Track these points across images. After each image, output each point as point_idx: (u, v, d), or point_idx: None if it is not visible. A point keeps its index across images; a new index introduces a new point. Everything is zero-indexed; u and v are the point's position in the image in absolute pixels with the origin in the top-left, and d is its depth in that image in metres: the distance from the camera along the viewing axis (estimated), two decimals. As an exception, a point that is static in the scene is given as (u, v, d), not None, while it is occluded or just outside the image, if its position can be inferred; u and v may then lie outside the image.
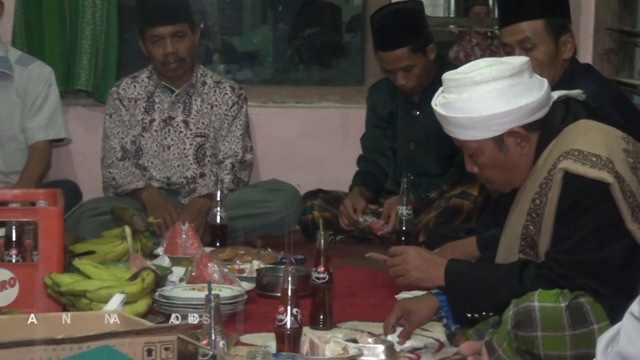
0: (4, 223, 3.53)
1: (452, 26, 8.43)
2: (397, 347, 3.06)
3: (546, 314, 2.71)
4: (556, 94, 2.92)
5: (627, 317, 1.83)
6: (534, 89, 2.85)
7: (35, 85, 4.94)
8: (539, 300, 2.73)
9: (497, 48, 7.26)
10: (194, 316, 3.13)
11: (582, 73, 3.72)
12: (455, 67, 3.27)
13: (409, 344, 3.08)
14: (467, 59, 7.22)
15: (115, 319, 2.47)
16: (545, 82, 2.90)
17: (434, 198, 4.75)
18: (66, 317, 2.59)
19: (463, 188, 4.63)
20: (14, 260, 3.47)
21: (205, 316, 2.53)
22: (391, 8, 4.98)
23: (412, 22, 4.72)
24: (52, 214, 3.43)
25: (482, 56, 6.74)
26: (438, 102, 2.90)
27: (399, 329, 3.08)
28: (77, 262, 3.41)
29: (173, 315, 3.25)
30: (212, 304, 2.50)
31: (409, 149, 4.89)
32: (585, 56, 5.17)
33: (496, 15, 4.62)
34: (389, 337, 3.07)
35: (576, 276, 2.76)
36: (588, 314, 2.72)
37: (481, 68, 2.84)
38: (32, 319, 2.45)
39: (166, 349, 2.28)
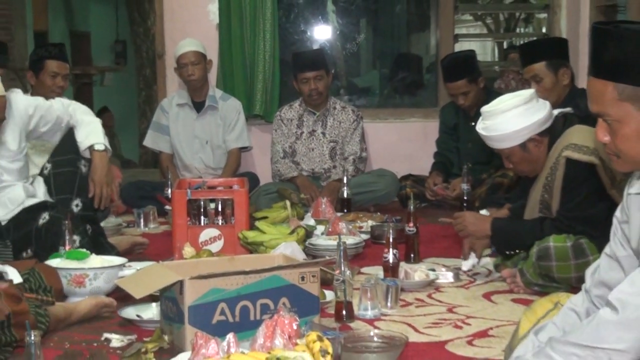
0: (214, 199, 3.62)
1: (496, 67, 8.26)
2: (465, 267, 3.06)
3: (558, 250, 2.70)
4: (556, 111, 2.89)
5: (603, 255, 1.83)
6: (541, 109, 2.81)
7: (231, 113, 5.00)
8: (554, 242, 2.71)
9: (526, 80, 7.09)
10: (328, 256, 3.16)
11: (580, 94, 3.63)
12: (497, 94, 3.21)
13: (477, 261, 3.07)
14: (506, 88, 7.07)
15: (280, 258, 2.53)
16: (547, 103, 2.86)
17: (484, 178, 4.65)
18: (251, 258, 2.69)
19: (503, 171, 4.50)
20: (220, 223, 3.55)
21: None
22: (455, 55, 4.91)
23: (468, 63, 4.65)
24: (242, 193, 3.50)
25: (517, 86, 6.60)
26: (480, 127, 2.89)
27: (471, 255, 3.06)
28: (257, 224, 3.46)
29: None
30: (342, 248, 2.53)
31: (468, 146, 4.80)
32: (583, 82, 5.03)
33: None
34: (465, 262, 3.06)
35: (577, 225, 2.73)
36: (586, 250, 2.69)
37: (505, 101, 2.82)
38: (229, 259, 2.52)
39: (313, 276, 2.32)
